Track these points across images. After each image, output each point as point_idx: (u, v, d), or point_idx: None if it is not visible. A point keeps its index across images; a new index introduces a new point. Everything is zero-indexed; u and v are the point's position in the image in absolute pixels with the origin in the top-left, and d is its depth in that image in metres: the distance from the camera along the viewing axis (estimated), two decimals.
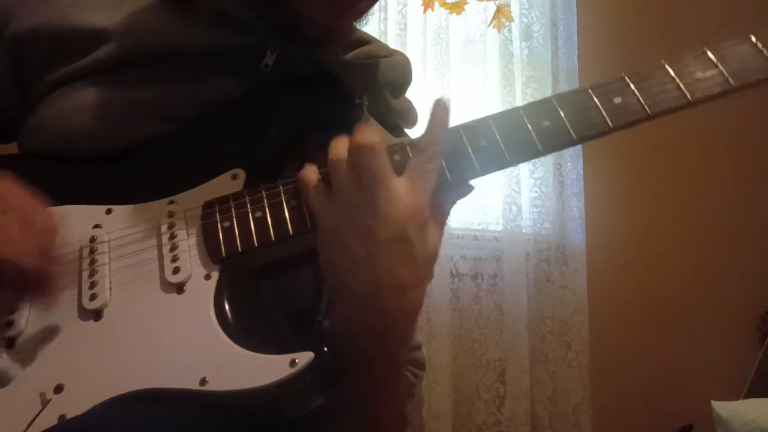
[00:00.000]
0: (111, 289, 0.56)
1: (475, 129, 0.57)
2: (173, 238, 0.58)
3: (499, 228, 2.23)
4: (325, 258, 0.56)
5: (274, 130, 0.65)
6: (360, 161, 0.53)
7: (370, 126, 0.57)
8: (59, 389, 0.51)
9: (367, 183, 0.53)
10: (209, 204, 0.59)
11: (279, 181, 0.59)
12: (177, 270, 0.56)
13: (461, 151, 0.56)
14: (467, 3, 2.16)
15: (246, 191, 0.59)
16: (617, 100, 0.55)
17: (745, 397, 2.09)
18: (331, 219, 0.54)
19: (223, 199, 0.59)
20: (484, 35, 2.34)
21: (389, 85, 0.77)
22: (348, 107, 0.71)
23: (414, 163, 0.55)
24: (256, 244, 0.56)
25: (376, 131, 0.55)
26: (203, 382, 0.49)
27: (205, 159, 0.63)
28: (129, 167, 0.64)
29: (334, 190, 0.55)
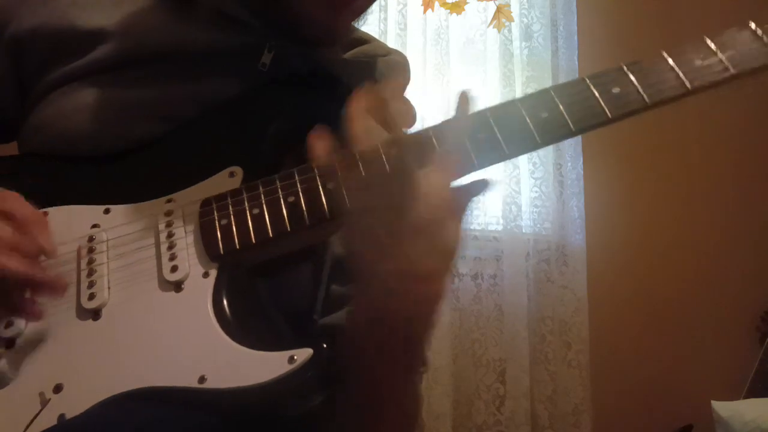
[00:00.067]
0: (109, 289, 0.56)
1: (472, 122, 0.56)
2: (171, 236, 0.58)
3: (499, 228, 2.23)
4: (351, 246, 0.55)
5: (273, 129, 0.65)
6: (389, 151, 0.53)
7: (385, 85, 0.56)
8: (58, 389, 0.51)
9: (396, 172, 0.52)
10: (207, 202, 0.59)
11: (276, 177, 0.58)
12: (175, 268, 0.56)
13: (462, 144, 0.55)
14: (467, 3, 2.16)
15: (243, 188, 0.59)
16: (615, 89, 0.55)
17: (745, 397, 2.08)
18: (360, 206, 0.54)
19: (221, 197, 0.59)
20: (484, 35, 2.34)
21: None
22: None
23: (439, 153, 0.54)
24: (253, 241, 0.56)
25: (390, 87, 0.55)
26: (202, 380, 0.50)
27: (204, 158, 0.63)
28: (128, 167, 0.64)
29: (365, 176, 0.54)
